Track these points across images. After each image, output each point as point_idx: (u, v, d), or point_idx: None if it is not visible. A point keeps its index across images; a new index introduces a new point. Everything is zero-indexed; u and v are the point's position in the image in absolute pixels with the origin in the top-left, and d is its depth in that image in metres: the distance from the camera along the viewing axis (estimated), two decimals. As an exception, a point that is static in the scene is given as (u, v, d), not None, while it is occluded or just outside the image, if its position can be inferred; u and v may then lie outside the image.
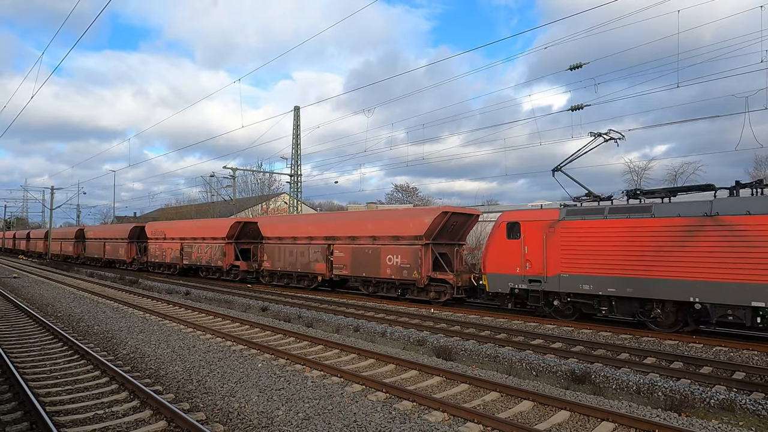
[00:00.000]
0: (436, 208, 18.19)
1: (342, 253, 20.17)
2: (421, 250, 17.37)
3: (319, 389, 7.64)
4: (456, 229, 18.57)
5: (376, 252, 18.84)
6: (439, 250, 17.75)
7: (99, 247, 39.62)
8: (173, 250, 30.44)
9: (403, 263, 17.82)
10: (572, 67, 18.58)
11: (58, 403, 7.16)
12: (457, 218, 18.23)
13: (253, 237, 26.40)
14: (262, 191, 53.66)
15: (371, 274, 19.05)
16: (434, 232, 17.56)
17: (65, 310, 16.00)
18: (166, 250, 31.27)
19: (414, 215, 18.63)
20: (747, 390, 8.06)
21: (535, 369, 9.54)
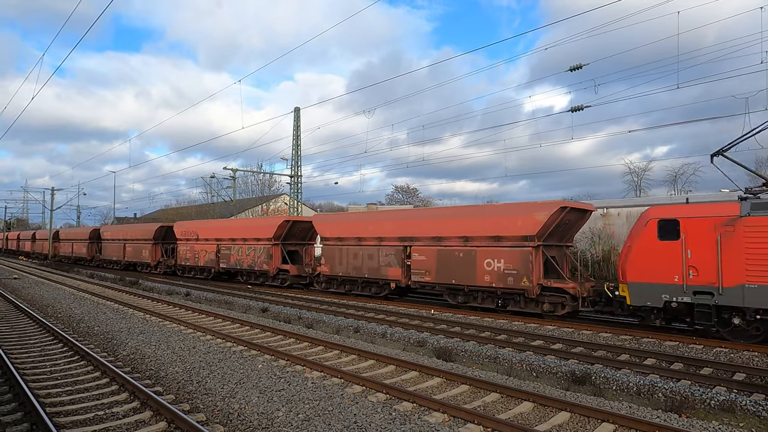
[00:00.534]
0: (551, 203, 14.82)
1: (423, 256, 17.07)
2: (531, 253, 14.45)
3: (320, 390, 7.64)
4: (568, 227, 15.69)
5: (471, 255, 15.72)
6: (549, 252, 14.96)
7: (118, 249, 36.64)
8: (207, 252, 27.58)
9: (508, 269, 14.80)
10: (572, 68, 18.61)
11: (59, 404, 7.16)
12: (571, 215, 15.20)
13: (300, 237, 24.03)
14: (262, 192, 53.72)
15: (463, 282, 15.89)
16: (547, 231, 14.65)
17: (65, 311, 16.00)
18: (198, 252, 28.33)
19: (523, 211, 15.09)
20: (747, 391, 8.05)
21: (536, 370, 9.54)
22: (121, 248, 36.22)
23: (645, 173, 45.80)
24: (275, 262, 23.50)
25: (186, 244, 29.48)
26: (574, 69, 18.55)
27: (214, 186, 43.20)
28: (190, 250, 29.03)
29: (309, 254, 23.58)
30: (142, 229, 35.44)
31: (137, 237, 34.61)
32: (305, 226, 23.62)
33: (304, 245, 24.12)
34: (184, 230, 29.87)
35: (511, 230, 15.05)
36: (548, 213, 14.31)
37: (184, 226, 30.41)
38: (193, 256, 28.86)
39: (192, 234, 29.04)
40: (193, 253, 28.82)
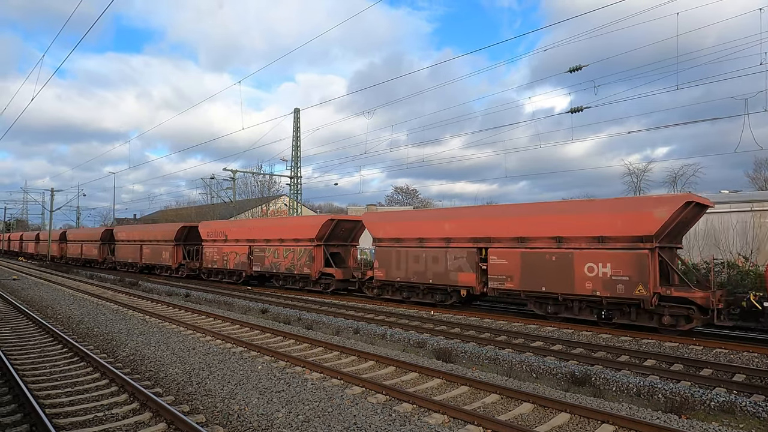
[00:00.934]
0: (676, 197, 12.81)
1: (504, 259, 14.84)
2: (647, 256, 12.27)
3: (319, 391, 7.64)
4: (683, 226, 13.54)
5: (567, 258, 13.50)
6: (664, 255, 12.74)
7: (134, 250, 34.89)
8: (238, 254, 25.60)
9: (618, 275, 12.59)
10: (571, 69, 18.63)
11: (58, 405, 7.15)
12: (693, 211, 13.05)
13: (343, 238, 22.34)
14: (261, 193, 53.74)
15: (556, 289, 13.66)
16: (666, 230, 12.51)
17: (65, 312, 15.99)
18: (227, 254, 26.34)
19: (638, 207, 12.74)
20: (747, 392, 8.05)
21: (536, 371, 9.54)
22: (138, 250, 34.47)
23: (644, 174, 45.83)
24: (317, 265, 21.56)
25: (213, 246, 27.43)
26: (574, 70, 18.57)
27: (213, 187, 43.19)
28: (218, 252, 27.02)
29: (352, 256, 21.93)
30: (162, 229, 33.46)
31: (156, 238, 32.71)
32: (349, 226, 22.03)
33: (348, 246, 22.40)
34: (211, 230, 27.83)
35: (622, 229, 12.83)
36: (671, 209, 12.15)
37: (211, 226, 28.50)
38: (221, 258, 26.91)
39: (220, 234, 27.01)
40: (222, 255, 26.87)
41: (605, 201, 14.14)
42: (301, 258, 22.21)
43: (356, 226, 22.10)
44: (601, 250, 13.05)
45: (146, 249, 33.28)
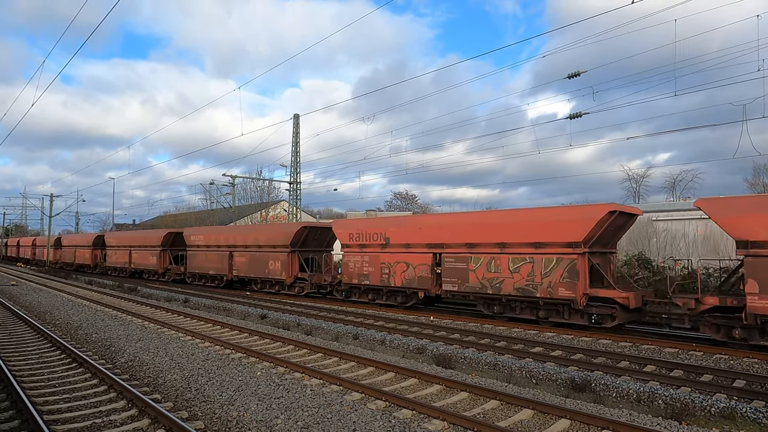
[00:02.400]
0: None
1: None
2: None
3: (319, 397, 7.61)
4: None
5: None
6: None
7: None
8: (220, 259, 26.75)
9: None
10: (570, 75, 18.71)
11: (56, 412, 7.13)
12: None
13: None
14: (261, 198, 53.76)
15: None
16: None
17: (63, 318, 15.95)
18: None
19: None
20: (747, 398, 8.03)
21: (535, 377, 9.51)
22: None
23: (644, 180, 45.90)
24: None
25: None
26: (573, 76, 18.65)
27: (213, 193, 43.20)
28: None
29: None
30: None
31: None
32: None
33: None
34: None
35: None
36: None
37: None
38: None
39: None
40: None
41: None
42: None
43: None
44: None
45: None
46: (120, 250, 36.83)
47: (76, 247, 44.63)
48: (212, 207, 51.39)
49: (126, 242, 36.40)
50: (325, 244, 23.33)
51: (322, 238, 23.11)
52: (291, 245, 22.38)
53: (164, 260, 31.87)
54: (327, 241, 23.53)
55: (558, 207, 18.34)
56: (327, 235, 22.97)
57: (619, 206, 14.07)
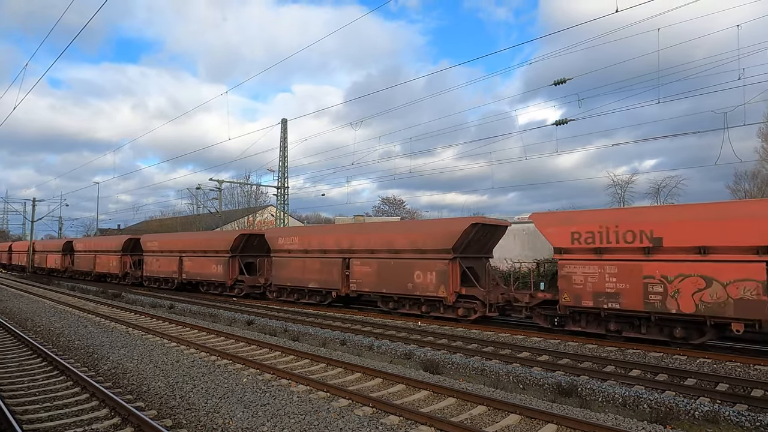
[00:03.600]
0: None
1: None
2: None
3: (305, 404, 7.55)
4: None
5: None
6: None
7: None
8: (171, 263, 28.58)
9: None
10: (557, 82, 18.92)
11: (36, 421, 6.97)
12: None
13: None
14: (248, 204, 53.40)
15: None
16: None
17: (45, 325, 15.65)
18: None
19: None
20: (730, 402, 8.13)
21: (522, 382, 9.54)
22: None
23: (628, 185, 46.44)
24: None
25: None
26: (559, 83, 18.86)
27: (200, 197, 42.86)
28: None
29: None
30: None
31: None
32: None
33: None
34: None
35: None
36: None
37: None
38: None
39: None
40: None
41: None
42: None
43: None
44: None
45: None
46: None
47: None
48: (199, 212, 50.94)
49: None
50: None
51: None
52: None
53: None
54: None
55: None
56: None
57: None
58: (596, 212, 13.88)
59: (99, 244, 37.41)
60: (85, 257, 38.62)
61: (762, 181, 38.72)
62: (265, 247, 23.86)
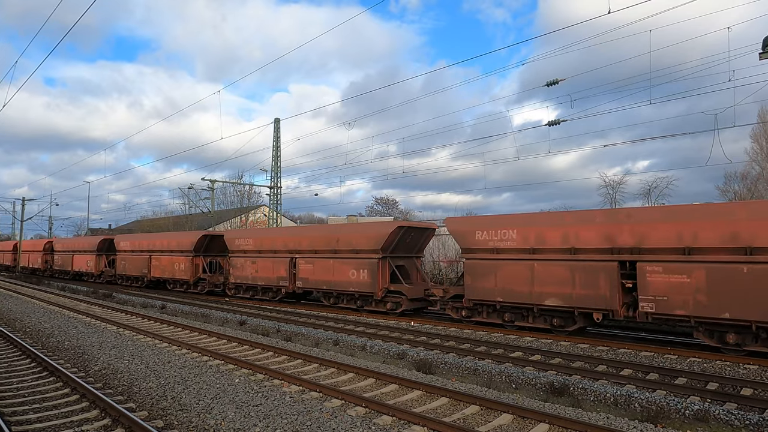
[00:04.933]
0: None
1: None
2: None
3: (298, 404, 7.52)
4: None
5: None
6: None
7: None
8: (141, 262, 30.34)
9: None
10: (549, 83, 18.99)
11: (25, 423, 6.89)
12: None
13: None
14: (241, 203, 53.15)
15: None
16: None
17: (34, 325, 15.49)
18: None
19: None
20: (720, 400, 8.20)
21: (515, 381, 9.56)
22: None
23: (620, 186, 46.74)
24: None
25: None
26: (552, 84, 18.94)
27: (192, 197, 42.63)
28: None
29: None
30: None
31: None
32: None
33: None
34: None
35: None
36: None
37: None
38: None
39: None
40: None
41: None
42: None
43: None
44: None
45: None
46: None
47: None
48: (191, 212, 50.64)
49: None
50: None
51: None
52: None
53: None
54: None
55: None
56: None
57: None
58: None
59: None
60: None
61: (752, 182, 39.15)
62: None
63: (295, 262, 21.00)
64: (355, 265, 18.47)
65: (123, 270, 31.85)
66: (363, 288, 18.21)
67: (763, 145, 39.34)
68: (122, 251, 32.75)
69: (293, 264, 21.13)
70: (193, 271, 26.05)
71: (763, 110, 37.33)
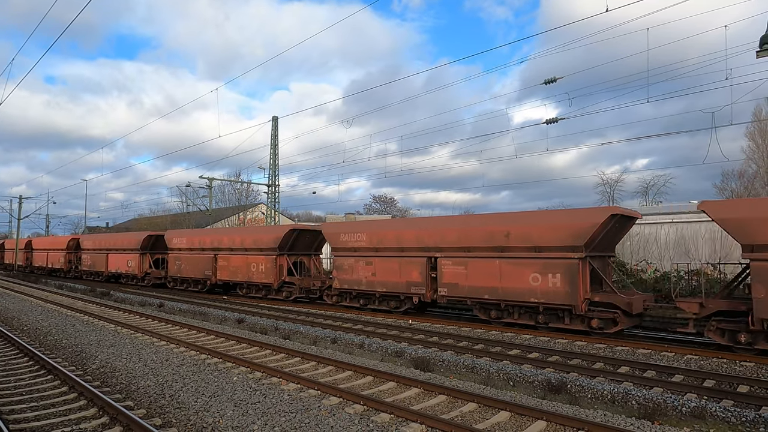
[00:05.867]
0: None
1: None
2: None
3: (296, 402, 7.53)
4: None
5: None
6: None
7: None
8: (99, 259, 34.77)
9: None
10: (547, 81, 19.00)
11: (23, 421, 6.89)
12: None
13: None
14: (239, 201, 53.09)
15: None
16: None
17: (32, 324, 15.46)
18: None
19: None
20: (717, 398, 8.24)
21: (512, 379, 9.59)
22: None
23: (617, 184, 46.84)
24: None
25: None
26: (549, 82, 18.95)
27: (189, 195, 42.59)
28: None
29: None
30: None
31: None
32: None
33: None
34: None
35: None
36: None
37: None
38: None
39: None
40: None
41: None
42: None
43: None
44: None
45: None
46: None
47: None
48: (188, 210, 50.56)
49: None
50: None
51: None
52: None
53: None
54: None
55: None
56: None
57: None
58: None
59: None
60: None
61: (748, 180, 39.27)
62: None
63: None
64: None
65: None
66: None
67: (759, 143, 39.49)
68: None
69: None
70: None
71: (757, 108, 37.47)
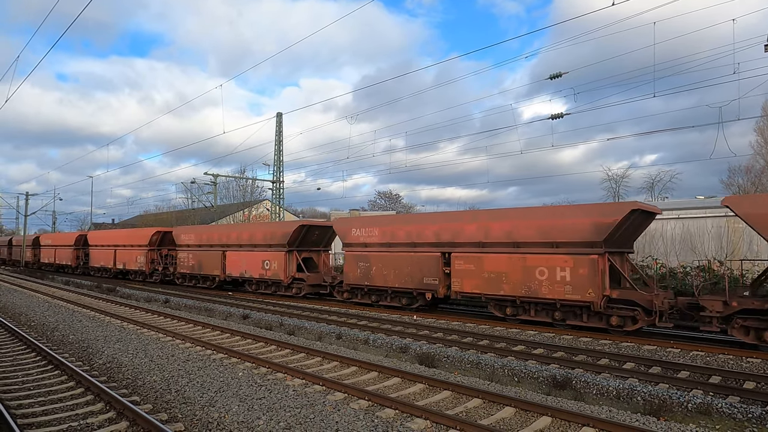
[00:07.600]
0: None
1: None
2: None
3: (301, 398, 7.56)
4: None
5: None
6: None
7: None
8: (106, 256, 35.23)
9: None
10: (552, 76, 18.90)
11: (30, 416, 6.95)
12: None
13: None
14: (244, 198, 53.22)
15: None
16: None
17: (39, 320, 15.58)
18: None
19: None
20: (723, 394, 8.20)
21: (517, 375, 9.58)
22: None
23: (623, 180, 46.55)
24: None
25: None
26: (555, 77, 18.84)
27: (194, 192, 42.72)
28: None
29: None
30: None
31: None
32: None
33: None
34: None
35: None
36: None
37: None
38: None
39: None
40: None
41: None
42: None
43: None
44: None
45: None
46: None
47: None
48: (194, 206, 50.72)
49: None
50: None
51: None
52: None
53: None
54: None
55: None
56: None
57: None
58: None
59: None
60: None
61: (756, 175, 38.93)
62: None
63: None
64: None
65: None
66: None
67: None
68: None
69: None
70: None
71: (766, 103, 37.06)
